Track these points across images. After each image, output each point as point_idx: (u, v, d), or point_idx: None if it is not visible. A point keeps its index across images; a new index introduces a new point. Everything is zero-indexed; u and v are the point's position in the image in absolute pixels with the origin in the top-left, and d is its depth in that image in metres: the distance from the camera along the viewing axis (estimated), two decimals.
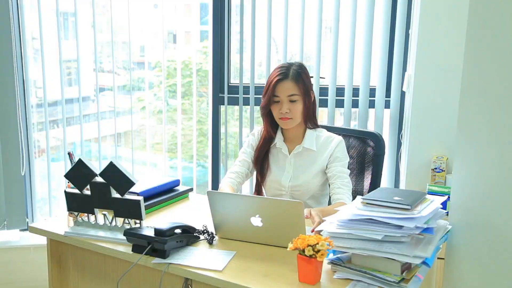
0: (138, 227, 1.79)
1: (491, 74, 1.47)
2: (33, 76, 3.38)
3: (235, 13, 3.22)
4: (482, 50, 1.52)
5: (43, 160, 3.41)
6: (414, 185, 2.80)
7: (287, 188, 2.22)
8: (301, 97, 2.15)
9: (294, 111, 2.15)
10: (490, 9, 1.48)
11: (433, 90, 2.74)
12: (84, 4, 3.30)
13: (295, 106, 2.14)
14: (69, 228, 1.92)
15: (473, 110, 1.57)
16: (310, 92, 2.19)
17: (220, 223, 1.84)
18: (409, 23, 2.93)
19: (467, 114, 1.61)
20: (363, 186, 2.35)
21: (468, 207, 1.62)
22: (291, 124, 2.18)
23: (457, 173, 1.69)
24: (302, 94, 2.14)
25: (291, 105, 2.14)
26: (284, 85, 2.14)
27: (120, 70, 3.53)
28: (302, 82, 2.14)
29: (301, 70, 2.17)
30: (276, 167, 2.26)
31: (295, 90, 2.13)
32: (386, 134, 3.07)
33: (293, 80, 2.14)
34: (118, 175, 1.81)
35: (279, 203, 1.78)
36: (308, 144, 2.19)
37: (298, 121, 2.18)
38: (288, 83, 2.13)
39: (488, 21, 1.49)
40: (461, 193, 1.66)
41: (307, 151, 2.19)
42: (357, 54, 3.05)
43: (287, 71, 2.15)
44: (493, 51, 1.46)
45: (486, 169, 1.51)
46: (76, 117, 3.41)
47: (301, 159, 2.21)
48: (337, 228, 1.60)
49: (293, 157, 2.22)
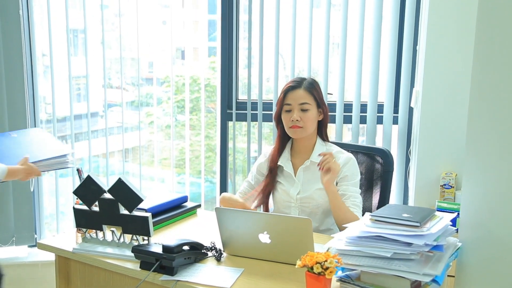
0: (146, 244, 1.79)
1: (499, 90, 1.47)
2: (43, 92, 3.41)
3: (243, 29, 3.24)
4: (490, 66, 1.52)
5: (51, 175, 3.42)
6: (423, 202, 2.78)
7: (296, 201, 2.21)
8: (313, 107, 2.16)
9: (305, 120, 2.15)
10: (498, 25, 1.48)
11: (441, 106, 2.73)
12: (93, 21, 3.33)
13: (307, 115, 2.15)
14: (77, 245, 1.92)
15: (481, 126, 1.57)
16: (323, 105, 2.20)
17: (228, 240, 1.83)
18: (416, 39, 2.94)
19: (475, 130, 1.60)
20: (371, 203, 2.34)
21: (478, 224, 1.61)
22: (301, 133, 2.17)
23: (466, 189, 1.68)
24: (315, 104, 2.16)
25: (302, 114, 2.14)
26: (296, 93, 2.16)
27: (128, 86, 3.55)
28: (315, 93, 2.17)
29: (314, 83, 2.21)
30: (285, 181, 2.26)
31: (307, 99, 2.15)
32: (395, 150, 3.06)
33: (305, 89, 2.16)
34: (126, 191, 1.81)
35: (287, 220, 1.78)
36: (316, 158, 2.18)
37: (308, 131, 2.18)
38: (300, 91, 2.16)
39: (496, 37, 1.49)
40: (470, 209, 1.65)
41: (314, 165, 2.18)
42: (365, 70, 3.06)
43: (300, 81, 2.19)
44: (501, 67, 1.46)
45: (496, 185, 1.50)
46: (85, 132, 3.43)
47: (310, 173, 2.21)
48: (346, 245, 1.59)
49: (302, 171, 2.22)
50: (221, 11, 3.20)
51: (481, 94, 1.57)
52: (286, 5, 3.09)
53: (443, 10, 2.66)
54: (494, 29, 1.50)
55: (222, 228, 1.83)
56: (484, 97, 1.55)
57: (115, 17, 3.41)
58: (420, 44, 2.84)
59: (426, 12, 2.71)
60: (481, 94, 1.57)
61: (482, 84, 1.56)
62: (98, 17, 3.31)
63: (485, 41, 1.54)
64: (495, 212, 1.50)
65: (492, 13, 1.51)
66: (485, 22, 1.54)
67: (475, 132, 1.60)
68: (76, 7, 3.33)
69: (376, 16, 2.99)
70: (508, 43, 1.42)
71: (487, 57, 1.53)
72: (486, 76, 1.54)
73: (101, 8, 3.29)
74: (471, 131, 1.62)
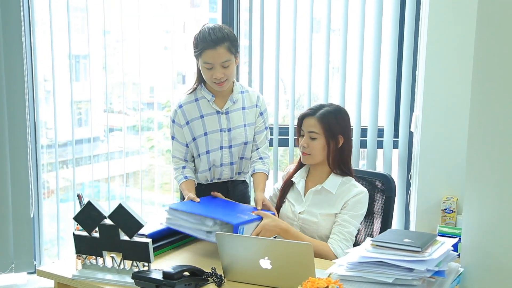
0: (147, 270, 1.78)
1: (498, 114, 1.48)
2: (44, 117, 3.43)
3: (244, 54, 3.27)
4: (488, 90, 1.53)
5: (51, 201, 3.42)
6: (424, 227, 2.77)
7: (298, 219, 2.21)
8: (322, 136, 2.17)
9: (312, 148, 2.18)
10: (496, 48, 1.50)
11: (441, 130, 2.74)
12: (95, 46, 3.37)
13: (314, 143, 2.17)
14: (77, 271, 1.91)
15: (482, 150, 1.57)
16: (338, 135, 2.19)
17: (229, 266, 1.82)
18: (415, 64, 2.96)
19: (476, 154, 1.60)
20: (373, 228, 2.33)
21: (479, 249, 1.60)
22: (309, 160, 2.22)
23: (467, 214, 1.68)
24: (324, 134, 2.16)
25: (310, 142, 2.18)
26: (307, 121, 2.20)
27: (129, 111, 3.57)
28: (327, 122, 2.17)
29: (333, 111, 2.20)
30: (293, 199, 2.28)
31: (316, 128, 2.17)
32: (395, 175, 3.06)
33: (317, 118, 2.17)
34: (127, 217, 1.81)
35: (288, 245, 1.77)
36: (328, 186, 2.19)
37: (317, 159, 2.20)
38: (311, 120, 2.18)
39: (494, 62, 1.50)
40: (472, 234, 1.65)
41: (326, 191, 2.19)
42: (365, 95, 3.08)
43: (315, 109, 2.21)
44: (500, 92, 1.47)
45: (497, 210, 1.50)
46: (86, 157, 3.44)
47: (319, 198, 2.21)
48: (347, 270, 1.58)
49: (312, 194, 2.23)
50: None
51: (480, 119, 1.58)
52: (286, 30, 3.13)
53: (442, 36, 2.69)
54: (492, 55, 1.52)
55: (223, 253, 1.82)
56: (484, 122, 1.56)
57: (117, 42, 3.45)
58: (419, 69, 2.87)
59: (424, 37, 2.74)
60: (480, 118, 1.58)
61: (482, 109, 1.57)
62: (100, 43, 3.34)
63: (484, 66, 1.56)
64: (496, 237, 1.50)
65: (490, 40, 1.53)
66: (483, 48, 1.56)
67: (475, 156, 1.61)
68: (78, 32, 3.38)
69: (375, 41, 3.02)
70: (507, 69, 1.44)
71: (486, 83, 1.55)
72: (485, 101, 1.55)
73: (104, 34, 3.33)
74: (471, 155, 1.63)
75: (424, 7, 2.77)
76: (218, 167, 2.45)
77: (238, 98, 2.46)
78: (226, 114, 2.43)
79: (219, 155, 2.43)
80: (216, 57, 2.27)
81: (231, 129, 2.42)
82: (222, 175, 2.48)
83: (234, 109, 2.44)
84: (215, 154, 2.42)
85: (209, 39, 2.27)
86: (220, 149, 2.42)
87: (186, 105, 2.44)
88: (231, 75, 2.35)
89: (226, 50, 2.28)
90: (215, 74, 2.30)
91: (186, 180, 2.42)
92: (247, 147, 2.47)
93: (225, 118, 2.43)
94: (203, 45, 2.28)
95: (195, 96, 2.45)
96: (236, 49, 2.33)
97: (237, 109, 2.45)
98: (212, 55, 2.27)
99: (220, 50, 2.27)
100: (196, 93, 2.45)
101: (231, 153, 2.44)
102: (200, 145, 2.43)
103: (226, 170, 2.47)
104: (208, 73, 2.32)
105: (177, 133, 2.46)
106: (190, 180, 2.43)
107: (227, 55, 2.29)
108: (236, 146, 2.44)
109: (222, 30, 2.31)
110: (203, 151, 2.43)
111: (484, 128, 1.56)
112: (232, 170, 2.48)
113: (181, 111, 2.44)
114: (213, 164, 2.45)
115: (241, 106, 2.46)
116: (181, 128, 2.44)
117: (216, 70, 2.30)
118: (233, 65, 2.33)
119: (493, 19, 1.51)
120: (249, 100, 2.49)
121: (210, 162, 2.44)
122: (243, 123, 2.44)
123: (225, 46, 2.28)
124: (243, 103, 2.47)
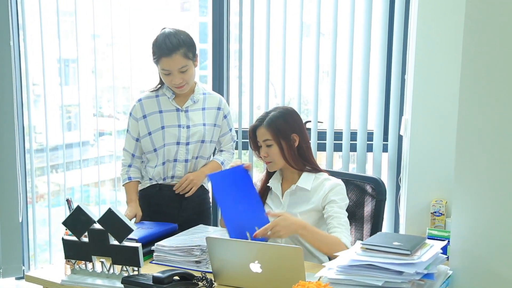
0: (136, 275, 1.77)
1: (486, 117, 1.49)
2: (34, 122, 3.41)
3: (234, 58, 3.28)
4: (476, 93, 1.55)
5: (40, 206, 3.40)
6: (414, 230, 2.78)
7: None
8: (274, 141, 2.18)
9: (272, 155, 2.20)
10: (483, 52, 1.51)
11: (430, 134, 2.76)
12: (85, 50, 3.36)
13: (272, 150, 2.19)
14: (66, 277, 1.90)
15: (470, 153, 1.58)
16: (292, 135, 2.20)
17: (219, 270, 1.82)
18: (404, 68, 2.98)
19: (464, 157, 1.62)
20: (363, 232, 2.33)
21: (468, 251, 1.61)
22: (273, 167, 2.24)
23: (456, 217, 1.69)
24: (275, 138, 2.18)
25: (268, 149, 2.20)
26: (259, 132, 2.22)
27: (119, 115, 3.56)
28: (277, 126, 2.18)
29: (279, 114, 2.21)
30: (272, 203, 2.28)
31: (267, 135, 2.19)
32: (385, 178, 3.07)
33: (266, 125, 2.19)
34: (116, 221, 1.80)
35: (278, 249, 1.77)
36: (302, 183, 2.20)
37: (280, 164, 2.21)
38: (261, 129, 2.20)
39: (482, 65, 1.52)
40: (460, 237, 1.66)
41: (301, 190, 2.20)
42: (354, 99, 3.09)
43: (261, 119, 2.22)
44: (487, 95, 1.49)
45: (485, 212, 1.51)
46: (75, 162, 3.42)
47: (295, 198, 2.22)
48: (337, 274, 1.58)
49: (288, 195, 2.24)
50: (212, 40, 3.24)
51: (469, 122, 1.59)
52: (276, 34, 3.14)
53: (430, 39, 2.71)
54: (480, 59, 1.53)
55: (212, 257, 1.82)
56: (472, 125, 1.57)
57: (107, 46, 3.44)
58: (408, 73, 2.88)
59: (413, 41, 2.76)
60: (468, 122, 1.59)
61: (470, 112, 1.59)
62: (90, 47, 3.33)
63: (471, 69, 1.57)
64: (485, 239, 1.51)
65: (477, 44, 1.54)
66: (471, 52, 1.57)
67: (463, 159, 1.62)
68: (68, 37, 3.36)
69: (364, 45, 3.04)
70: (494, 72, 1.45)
71: (474, 86, 1.56)
72: (473, 105, 1.56)
73: (93, 38, 3.32)
74: (459, 158, 1.64)
75: (413, 11, 2.79)
76: (171, 162, 2.48)
77: (199, 99, 2.51)
78: (185, 112, 2.48)
79: (174, 149, 2.46)
80: (172, 64, 2.32)
81: (189, 126, 2.46)
82: (176, 172, 2.50)
83: (194, 108, 2.49)
84: (171, 149, 2.46)
85: (164, 47, 2.32)
86: (176, 144, 2.46)
87: (146, 99, 2.50)
88: (190, 79, 2.41)
89: (182, 56, 2.32)
90: (173, 80, 2.36)
91: (130, 182, 2.51)
92: (204, 145, 2.50)
93: (184, 116, 2.47)
94: (159, 53, 2.33)
95: (156, 93, 2.51)
96: (193, 53, 2.38)
97: (197, 109, 2.50)
98: (168, 62, 2.32)
99: (176, 57, 2.32)
100: (158, 90, 2.51)
101: (187, 150, 2.47)
102: (156, 140, 2.46)
103: (179, 166, 2.49)
104: (167, 78, 2.38)
105: (132, 126, 2.51)
106: (133, 181, 2.51)
107: (183, 61, 2.33)
108: (193, 143, 2.47)
109: (177, 36, 2.34)
110: (159, 145, 2.46)
111: (472, 132, 1.57)
112: (185, 168, 2.50)
113: (139, 104, 2.49)
114: (167, 159, 2.48)
115: (201, 106, 2.51)
116: (137, 121, 2.49)
117: (174, 76, 2.35)
118: (191, 69, 2.38)
119: (481, 24, 1.52)
120: (210, 102, 2.54)
121: (165, 156, 2.47)
122: (202, 122, 2.49)
123: (181, 53, 2.32)
124: (203, 104, 2.52)
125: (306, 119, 3.18)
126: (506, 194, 1.41)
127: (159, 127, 2.45)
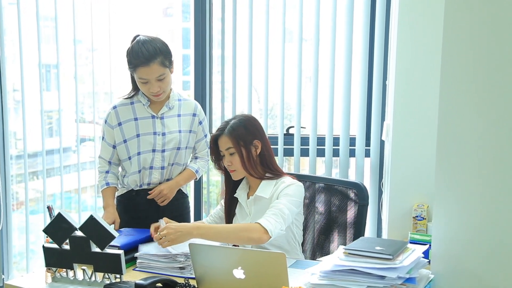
0: (119, 282, 1.76)
1: (466, 122, 1.51)
2: (13, 128, 3.37)
3: (217, 63, 3.28)
4: (456, 98, 1.57)
5: (21, 213, 3.36)
6: (396, 234, 2.80)
7: None
8: (236, 149, 2.18)
9: (234, 163, 2.19)
10: (462, 58, 1.53)
11: (411, 139, 2.78)
12: (66, 55, 3.33)
13: (234, 158, 2.19)
14: (47, 285, 1.87)
15: (450, 157, 1.60)
16: (254, 141, 2.20)
17: (202, 276, 1.81)
18: (386, 73, 3.01)
19: (444, 162, 1.63)
20: (346, 237, 2.34)
21: (449, 255, 1.63)
22: (237, 175, 2.23)
23: (436, 221, 1.71)
24: (240, 145, 2.18)
25: (231, 158, 2.19)
26: (220, 141, 2.20)
27: (101, 121, 3.53)
28: (238, 134, 2.18)
29: (239, 122, 2.20)
30: (239, 213, 2.30)
31: (229, 143, 2.18)
32: (367, 183, 3.09)
33: (227, 133, 2.18)
34: (98, 228, 1.78)
35: (261, 255, 1.77)
36: (260, 192, 2.21)
37: (242, 172, 2.21)
38: (223, 138, 2.19)
39: (461, 70, 1.54)
40: (441, 241, 1.67)
41: (260, 198, 2.21)
42: (337, 104, 3.11)
43: (222, 127, 2.21)
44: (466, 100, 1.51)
45: (466, 216, 1.53)
46: (56, 168, 3.38)
47: (258, 206, 2.23)
48: (320, 279, 1.59)
49: (251, 204, 2.25)
50: (194, 46, 3.24)
51: (448, 127, 1.61)
52: (259, 40, 3.15)
53: (411, 46, 2.74)
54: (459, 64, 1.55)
55: (195, 264, 1.81)
56: (451, 130, 1.59)
57: (88, 51, 3.42)
58: (389, 78, 2.91)
59: (394, 47, 2.78)
60: (448, 127, 1.61)
61: (449, 118, 1.61)
62: (70, 52, 3.31)
63: (451, 75, 1.59)
64: (464, 243, 1.52)
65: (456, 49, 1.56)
66: (450, 57, 1.59)
67: (444, 164, 1.64)
68: (49, 42, 3.33)
69: (346, 51, 3.06)
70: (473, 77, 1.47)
71: (453, 91, 1.58)
72: (453, 110, 1.58)
73: (74, 43, 3.29)
74: (439, 163, 1.66)
75: (394, 17, 2.82)
76: (147, 170, 2.47)
77: (174, 105, 2.50)
78: (161, 119, 2.47)
79: (150, 157, 2.45)
80: (150, 73, 2.31)
81: (165, 133, 2.46)
82: (152, 180, 2.49)
83: (169, 115, 2.48)
84: (146, 156, 2.45)
85: (141, 56, 2.29)
86: (152, 151, 2.45)
87: (121, 107, 2.48)
88: (167, 87, 2.40)
89: (160, 65, 2.31)
90: (151, 88, 2.35)
91: (107, 187, 2.49)
92: (180, 152, 2.50)
93: (159, 123, 2.46)
94: (136, 62, 2.30)
95: (131, 100, 2.48)
96: (169, 61, 2.36)
97: (173, 116, 2.49)
98: (146, 71, 2.31)
99: (153, 66, 2.30)
100: (133, 97, 2.49)
101: (163, 157, 2.46)
102: (131, 147, 2.45)
103: (156, 174, 2.49)
104: (144, 87, 2.36)
105: (107, 134, 2.49)
106: (111, 187, 2.50)
107: (161, 70, 2.32)
108: (168, 151, 2.46)
109: (153, 44, 2.32)
110: (134, 153, 2.45)
111: (452, 136, 1.59)
112: (162, 175, 2.50)
113: (114, 112, 2.47)
114: (143, 167, 2.47)
115: (177, 112, 2.50)
116: (112, 129, 2.47)
117: (152, 85, 2.34)
118: (168, 76, 2.37)
119: (460, 29, 1.55)
120: (185, 108, 2.53)
121: (140, 164, 2.46)
122: (178, 129, 2.48)
123: (158, 62, 2.30)
124: (179, 110, 2.51)
125: (289, 124, 3.21)
126: (486, 198, 1.43)
127: (134, 135, 2.44)
